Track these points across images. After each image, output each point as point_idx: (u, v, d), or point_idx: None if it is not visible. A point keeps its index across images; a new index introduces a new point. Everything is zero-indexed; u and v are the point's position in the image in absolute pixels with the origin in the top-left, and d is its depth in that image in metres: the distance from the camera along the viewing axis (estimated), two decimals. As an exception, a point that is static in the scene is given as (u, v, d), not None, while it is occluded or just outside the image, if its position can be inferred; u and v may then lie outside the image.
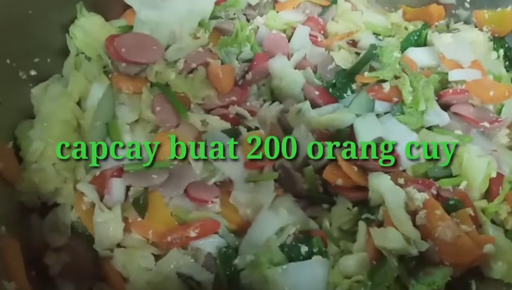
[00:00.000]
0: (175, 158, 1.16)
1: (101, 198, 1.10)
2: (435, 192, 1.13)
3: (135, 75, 1.27)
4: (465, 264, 1.05)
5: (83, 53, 1.28)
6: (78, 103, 1.22)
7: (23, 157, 1.12)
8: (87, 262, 1.06)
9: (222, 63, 1.32)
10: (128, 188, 1.13)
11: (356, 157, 1.16)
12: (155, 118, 1.20)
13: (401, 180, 1.14)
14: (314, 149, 1.18)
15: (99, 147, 1.14)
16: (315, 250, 1.08)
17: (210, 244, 1.08)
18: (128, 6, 1.42)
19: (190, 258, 1.07)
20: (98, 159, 1.13)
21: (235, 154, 1.17)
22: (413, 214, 1.09)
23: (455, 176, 1.19)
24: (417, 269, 1.04)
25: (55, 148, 1.11)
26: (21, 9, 1.11)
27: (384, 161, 1.15)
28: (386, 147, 1.17)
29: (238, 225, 1.14)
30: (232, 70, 1.31)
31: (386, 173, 1.15)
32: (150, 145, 1.16)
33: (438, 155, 1.19)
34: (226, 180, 1.19)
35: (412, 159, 1.17)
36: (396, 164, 1.15)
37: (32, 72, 1.18)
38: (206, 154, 1.16)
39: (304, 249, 1.07)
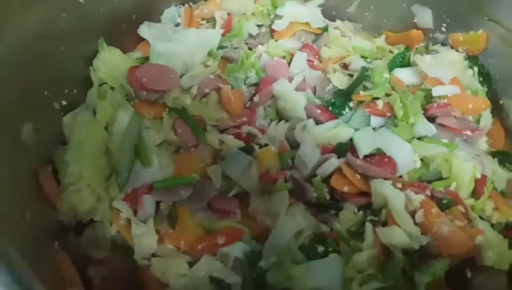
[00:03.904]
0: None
1: (134, 213, 1.20)
2: (429, 193, 1.26)
3: (155, 102, 1.38)
4: (461, 255, 1.17)
5: (105, 83, 1.39)
6: (105, 129, 1.32)
7: (61, 179, 1.21)
8: (127, 272, 1.16)
9: (231, 88, 1.45)
10: (158, 203, 1.24)
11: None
12: (177, 139, 1.32)
13: (399, 185, 1.26)
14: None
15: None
16: (330, 249, 1.19)
17: (236, 249, 1.18)
18: (141, 39, 1.55)
19: (219, 263, 1.17)
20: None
21: (250, 168, 1.30)
22: (412, 213, 1.21)
23: (445, 179, 1.32)
24: (420, 261, 1.16)
25: (89, 171, 1.22)
26: (56, 46, 1.23)
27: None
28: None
29: (258, 232, 1.24)
30: (242, 94, 1.44)
31: (385, 179, 1.28)
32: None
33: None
34: (243, 193, 1.29)
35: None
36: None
37: (64, 102, 1.28)
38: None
39: (321, 248, 1.19)
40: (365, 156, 1.32)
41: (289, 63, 1.58)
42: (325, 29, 1.70)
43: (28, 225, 0.98)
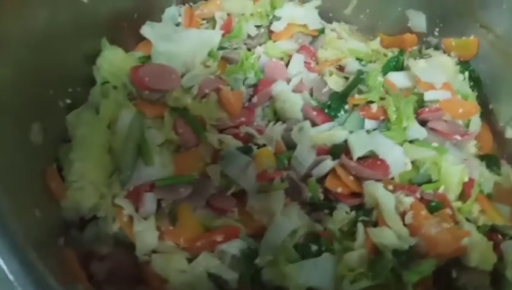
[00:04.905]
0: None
1: (136, 210, 1.24)
2: (418, 196, 1.32)
3: (156, 101, 1.41)
4: (447, 256, 1.23)
5: (108, 82, 1.41)
6: (108, 127, 1.35)
7: (65, 177, 1.24)
8: (129, 268, 1.19)
9: (231, 89, 1.48)
10: (159, 200, 1.27)
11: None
12: (178, 138, 1.35)
13: (391, 187, 1.32)
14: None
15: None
16: (323, 248, 1.24)
17: (233, 247, 1.21)
18: (142, 39, 1.57)
19: (217, 260, 1.21)
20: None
21: (248, 168, 1.33)
22: (402, 215, 1.27)
23: (434, 182, 1.38)
24: (408, 261, 1.21)
25: (92, 168, 1.26)
26: (60, 45, 1.24)
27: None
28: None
29: (255, 230, 1.28)
30: (241, 95, 1.47)
31: (377, 181, 1.34)
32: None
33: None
34: (240, 191, 1.32)
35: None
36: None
37: (68, 101, 1.31)
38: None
39: (314, 247, 1.23)
40: (359, 158, 1.36)
41: (286, 64, 1.62)
42: (322, 31, 1.73)
43: (38, 222, 1.02)
